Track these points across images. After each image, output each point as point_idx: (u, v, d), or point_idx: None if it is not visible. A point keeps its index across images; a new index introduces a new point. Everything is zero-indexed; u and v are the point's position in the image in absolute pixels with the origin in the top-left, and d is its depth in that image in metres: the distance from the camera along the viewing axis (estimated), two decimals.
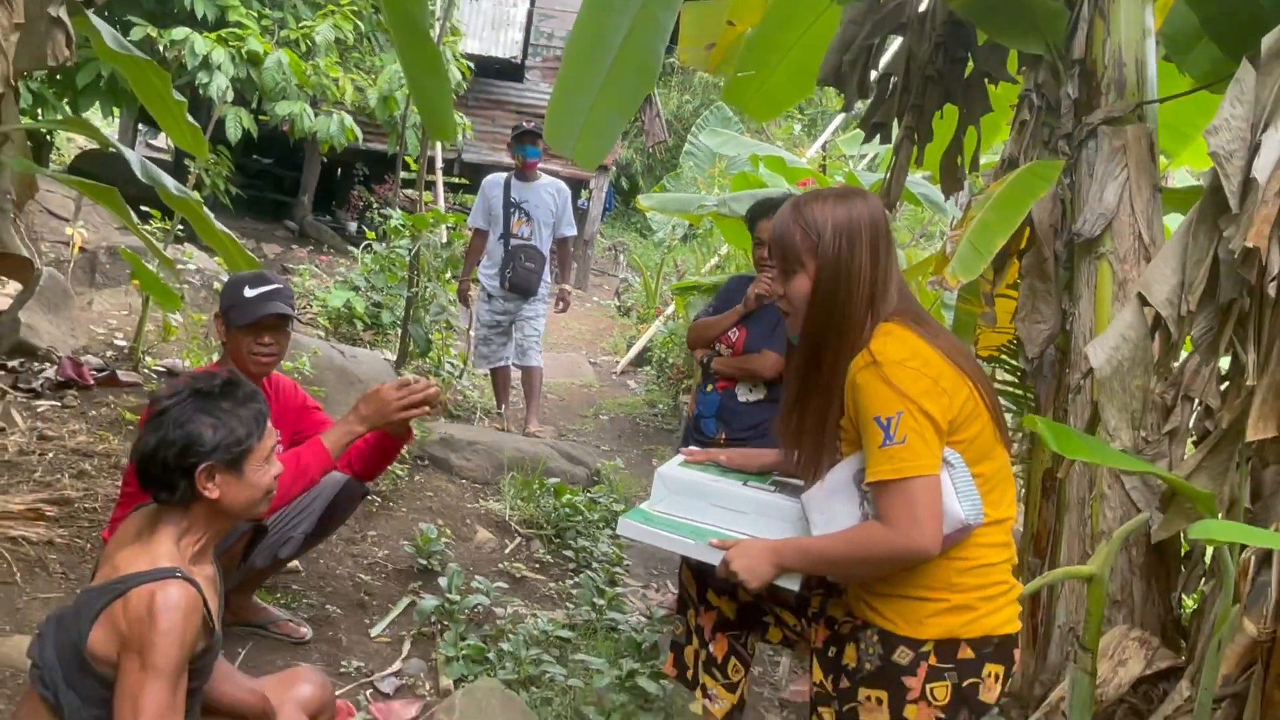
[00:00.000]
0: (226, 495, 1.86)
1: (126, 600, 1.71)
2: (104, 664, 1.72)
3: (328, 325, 6.81)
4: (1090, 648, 2.47)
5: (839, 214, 1.93)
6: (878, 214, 1.97)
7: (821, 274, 1.92)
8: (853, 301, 1.91)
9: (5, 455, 3.85)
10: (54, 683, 1.74)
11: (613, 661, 3.15)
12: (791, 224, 1.96)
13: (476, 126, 12.26)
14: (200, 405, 1.86)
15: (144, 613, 1.69)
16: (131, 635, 1.70)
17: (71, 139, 13.67)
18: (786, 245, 1.96)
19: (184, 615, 1.71)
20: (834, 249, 1.91)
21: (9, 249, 2.88)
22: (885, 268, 1.94)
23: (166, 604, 1.70)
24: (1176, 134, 3.77)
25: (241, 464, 1.87)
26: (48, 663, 1.76)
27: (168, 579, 1.73)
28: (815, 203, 1.96)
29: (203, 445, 1.82)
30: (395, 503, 4.40)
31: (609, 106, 3.22)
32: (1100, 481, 2.98)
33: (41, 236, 7.24)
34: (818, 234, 1.92)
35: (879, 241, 1.94)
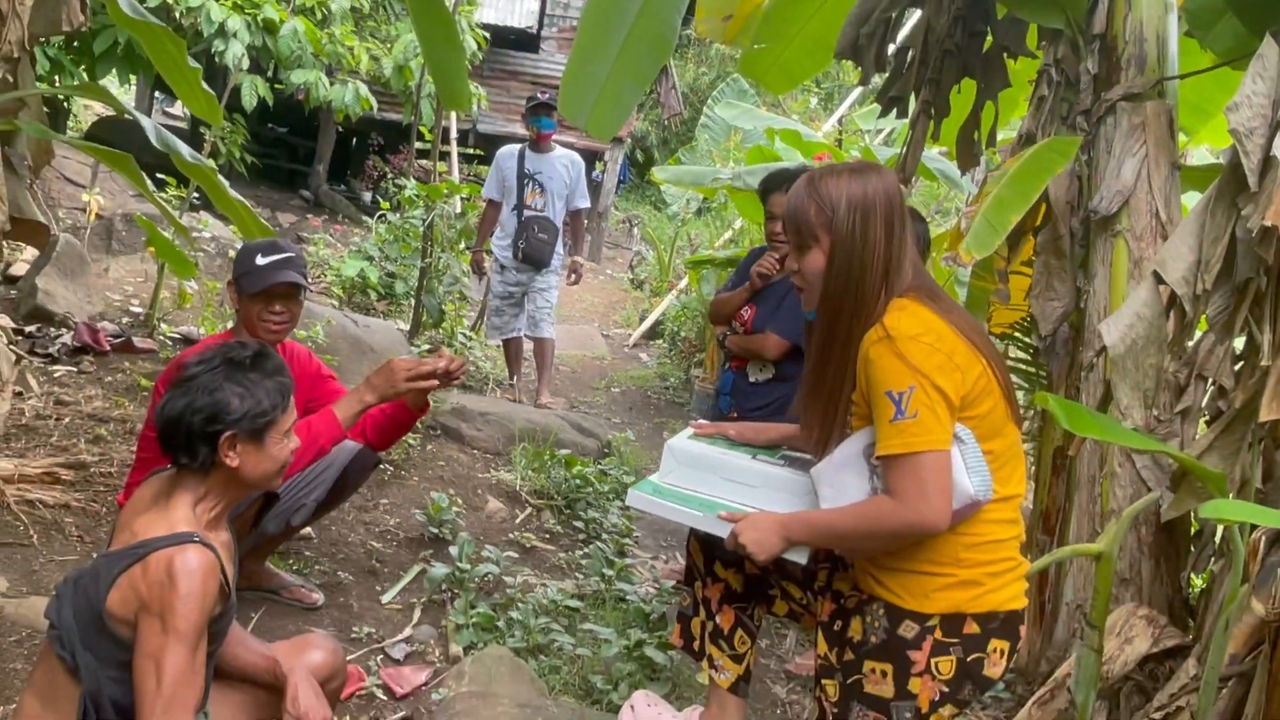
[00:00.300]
0: (246, 465, 1.88)
1: (146, 565, 1.73)
2: (122, 626, 1.74)
3: (341, 295, 6.84)
4: (1097, 625, 2.47)
5: (854, 189, 1.92)
6: (893, 189, 1.96)
7: (836, 249, 1.91)
8: (866, 277, 1.90)
9: (22, 420, 3.90)
10: (71, 644, 1.77)
11: (621, 631, 3.18)
12: (806, 199, 1.95)
13: (491, 97, 12.21)
14: (230, 374, 1.88)
15: (163, 577, 1.71)
16: (151, 599, 1.72)
17: (88, 106, 13.68)
18: (801, 220, 1.96)
19: (203, 579, 1.73)
20: (848, 224, 1.90)
21: (25, 214, 2.89)
22: (900, 243, 1.93)
23: (186, 568, 1.72)
24: (1197, 111, 3.72)
25: (263, 435, 1.89)
26: (65, 624, 1.78)
27: (186, 544, 1.75)
28: (830, 178, 1.95)
29: (229, 414, 1.84)
30: (407, 472, 4.44)
31: (624, 78, 3.20)
32: (1111, 460, 2.98)
33: (59, 203, 7.29)
34: (832, 209, 1.91)
35: (893, 217, 1.93)
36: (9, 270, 5.56)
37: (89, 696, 1.75)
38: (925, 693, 1.89)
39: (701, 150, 9.48)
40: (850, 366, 1.93)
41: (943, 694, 1.89)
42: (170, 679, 1.67)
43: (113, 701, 1.75)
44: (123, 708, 1.75)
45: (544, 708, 2.50)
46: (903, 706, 1.90)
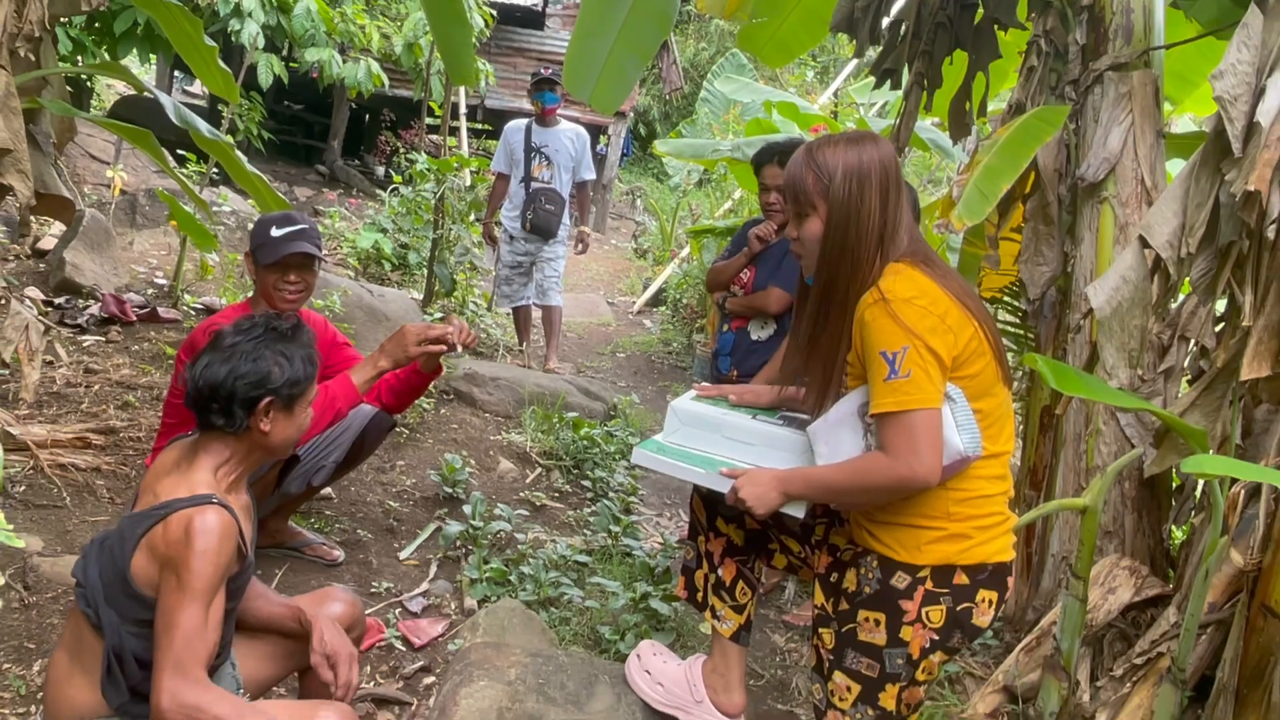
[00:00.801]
0: (275, 431, 1.96)
1: (166, 524, 1.78)
2: (145, 586, 1.81)
3: (357, 266, 6.95)
4: (1082, 575, 2.57)
5: (850, 158, 1.95)
6: (888, 158, 1.99)
7: (833, 216, 1.95)
8: (862, 243, 1.94)
9: (53, 387, 4.04)
10: (95, 601, 1.83)
11: (627, 584, 3.30)
12: (804, 168, 1.99)
13: (498, 73, 12.24)
14: (272, 343, 1.95)
15: (181, 535, 1.76)
16: (170, 556, 1.77)
17: (111, 85, 13.78)
18: (799, 189, 2.00)
19: (219, 539, 1.78)
20: (844, 192, 1.94)
21: (50, 189, 2.97)
22: (895, 211, 1.97)
23: (204, 527, 1.76)
24: (1182, 81, 3.77)
25: (295, 404, 1.98)
26: (90, 582, 1.85)
27: (205, 505, 1.80)
28: (827, 147, 1.99)
29: (271, 381, 1.92)
30: (422, 434, 4.57)
31: (626, 53, 3.26)
32: (1096, 418, 3.07)
33: (84, 179, 7.41)
34: (829, 177, 1.95)
35: (889, 185, 1.96)
36: (38, 244, 5.69)
37: (112, 650, 1.81)
38: (916, 640, 1.95)
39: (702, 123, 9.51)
40: (846, 329, 1.96)
41: (933, 641, 1.96)
42: (181, 635, 1.73)
43: (134, 655, 1.82)
44: (145, 661, 1.82)
45: (554, 657, 2.58)
46: (895, 653, 1.97)
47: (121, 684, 1.82)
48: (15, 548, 2.92)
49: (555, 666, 2.51)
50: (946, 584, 1.94)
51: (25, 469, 3.38)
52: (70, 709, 1.86)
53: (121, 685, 1.82)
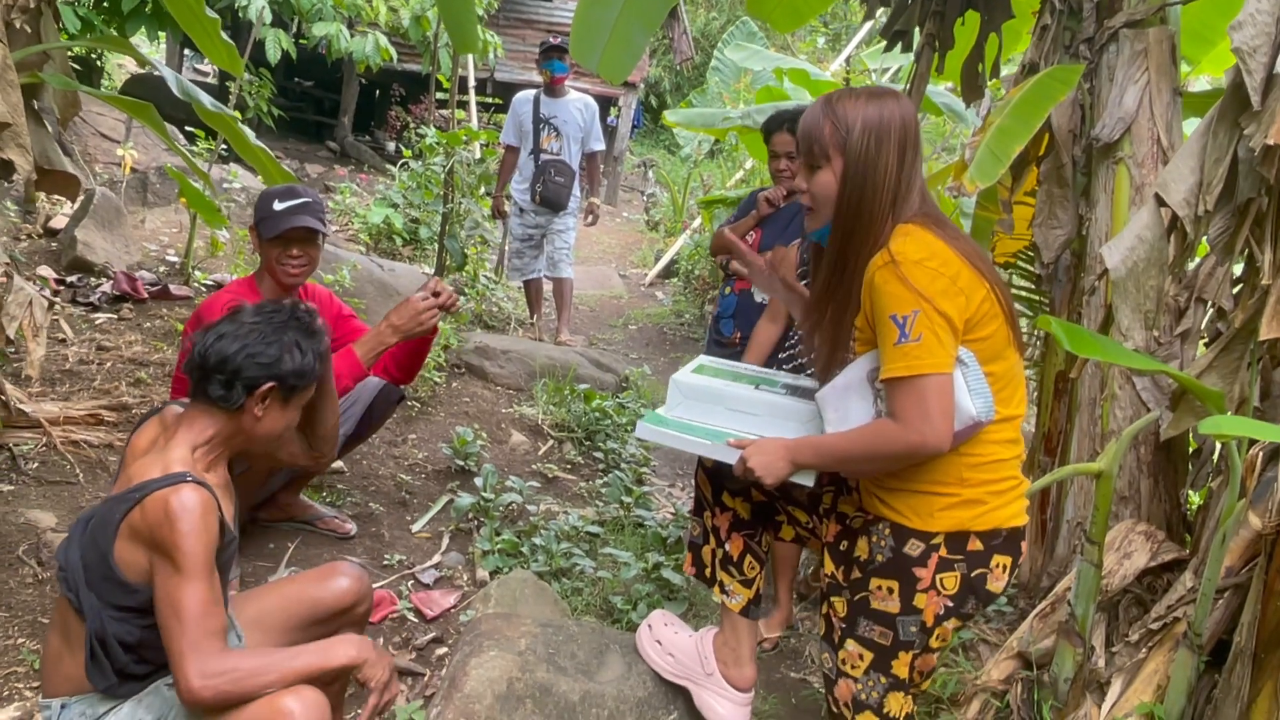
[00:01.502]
0: (266, 419, 1.95)
1: (143, 508, 1.77)
2: (129, 571, 1.80)
3: (368, 241, 6.95)
4: (1097, 540, 2.54)
5: (870, 112, 1.90)
6: (909, 116, 1.94)
7: (849, 171, 1.90)
8: (876, 201, 1.89)
9: (66, 365, 4.06)
10: (75, 584, 1.83)
11: (639, 555, 3.29)
12: (822, 118, 1.93)
13: (507, 46, 12.18)
14: (290, 331, 1.96)
15: (162, 517, 1.75)
16: (156, 541, 1.75)
17: (122, 65, 13.80)
18: (815, 139, 1.94)
19: (201, 515, 1.76)
20: (862, 146, 1.89)
21: (54, 165, 2.96)
22: (910, 170, 1.92)
23: (183, 506, 1.75)
24: (1200, 39, 3.69)
25: (291, 398, 1.97)
26: (71, 565, 1.84)
27: (180, 483, 1.78)
28: (848, 99, 1.93)
29: (280, 367, 1.92)
30: (434, 408, 4.57)
31: (633, 20, 3.21)
32: (1111, 382, 3.03)
33: (95, 158, 7.42)
34: (847, 129, 1.89)
35: (907, 144, 1.91)
36: (49, 223, 5.71)
37: (94, 634, 1.81)
38: (930, 607, 1.93)
39: (712, 93, 9.43)
40: (855, 290, 1.92)
41: (947, 608, 1.94)
42: (191, 614, 1.73)
43: (117, 639, 1.81)
44: (129, 645, 1.82)
45: (564, 626, 2.58)
46: (908, 620, 1.95)
47: (106, 667, 1.82)
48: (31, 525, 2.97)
49: (566, 636, 2.51)
50: (961, 550, 1.91)
51: (38, 446, 3.41)
52: (65, 688, 1.86)
53: (107, 669, 1.82)
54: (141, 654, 1.84)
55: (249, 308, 2.00)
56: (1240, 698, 2.26)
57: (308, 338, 1.99)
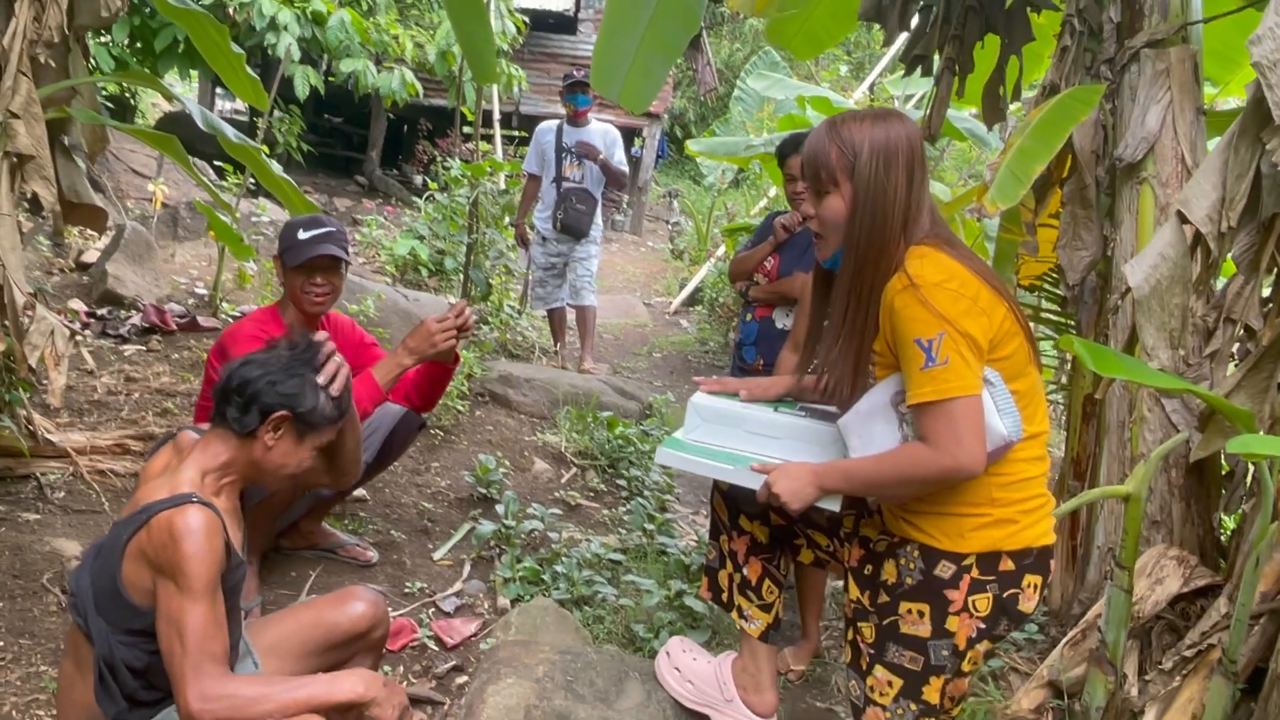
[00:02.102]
0: (277, 450, 1.94)
1: (149, 529, 1.77)
2: (137, 594, 1.80)
3: (394, 272, 7.01)
4: (1127, 565, 2.49)
5: (876, 134, 1.89)
6: (915, 136, 1.92)
7: (858, 196, 1.88)
8: (887, 224, 1.87)
9: (95, 395, 4.11)
10: (85, 609, 1.83)
11: (661, 582, 3.27)
12: (828, 143, 1.91)
13: (532, 79, 12.31)
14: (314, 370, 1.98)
15: (167, 538, 1.74)
16: (161, 561, 1.75)
17: (156, 103, 14.11)
18: (821, 164, 1.92)
19: (206, 536, 1.75)
20: (871, 170, 1.87)
21: (82, 199, 3.01)
22: (919, 190, 1.90)
23: (187, 527, 1.74)
24: (1225, 61, 3.66)
25: (306, 436, 1.96)
26: (81, 591, 1.85)
27: (185, 504, 1.77)
28: (852, 122, 1.92)
29: (295, 399, 1.92)
30: (457, 436, 4.58)
31: (654, 50, 3.21)
32: (1140, 405, 2.98)
33: (127, 194, 7.57)
34: (854, 154, 1.88)
35: (915, 164, 1.90)
36: (81, 257, 5.82)
37: (102, 660, 1.81)
38: (963, 630, 1.90)
39: (735, 122, 9.49)
40: (872, 315, 1.90)
41: (980, 630, 1.91)
42: (193, 636, 1.72)
43: (126, 664, 1.81)
44: (137, 670, 1.82)
45: (583, 654, 2.56)
46: (940, 645, 1.91)
47: (116, 693, 1.81)
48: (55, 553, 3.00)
49: (584, 664, 2.49)
50: (993, 570, 1.88)
51: (65, 475, 3.44)
52: (79, 714, 1.87)
53: (116, 694, 1.81)
54: (150, 679, 1.83)
55: (287, 342, 2.03)
56: None
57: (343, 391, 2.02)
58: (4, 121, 2.38)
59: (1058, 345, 3.21)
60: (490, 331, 6.13)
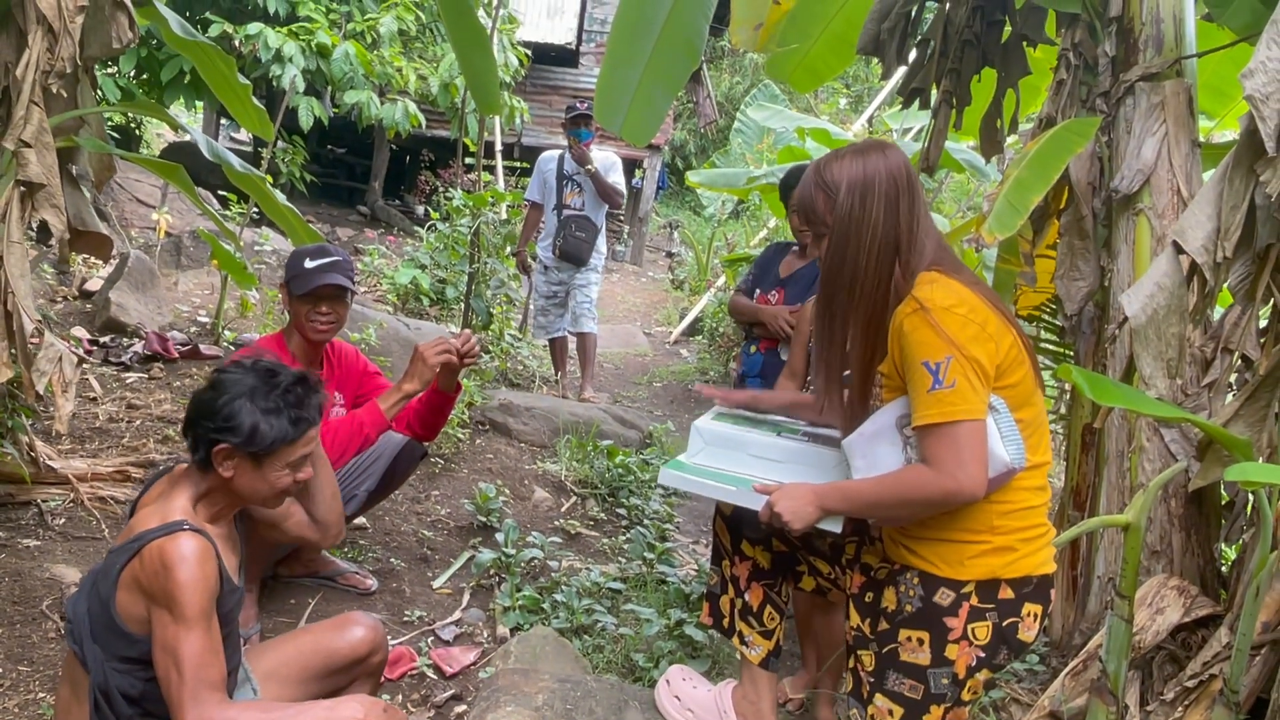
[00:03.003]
0: (239, 480, 1.90)
1: (141, 558, 1.77)
2: (130, 622, 1.79)
3: (396, 301, 7.03)
4: (1127, 594, 2.48)
5: (853, 170, 1.92)
6: (895, 166, 1.94)
7: (834, 230, 1.92)
8: (864, 254, 1.89)
9: (96, 423, 4.12)
10: (81, 636, 1.82)
11: (662, 611, 3.26)
12: (814, 188, 1.96)
13: (534, 111, 12.42)
14: (254, 391, 1.89)
15: (159, 566, 1.74)
16: (154, 590, 1.75)
17: (161, 134, 14.24)
18: (811, 209, 1.97)
19: (198, 562, 1.75)
20: (847, 205, 1.90)
21: (88, 227, 3.04)
22: (909, 218, 1.92)
23: (178, 554, 1.73)
24: (1219, 95, 3.70)
25: (261, 461, 1.89)
26: (78, 617, 1.84)
27: (176, 532, 1.77)
28: (834, 162, 1.96)
29: (235, 430, 1.85)
30: (457, 464, 4.58)
31: (655, 84, 3.25)
32: (1139, 435, 2.99)
33: (131, 223, 7.61)
34: (835, 192, 1.92)
35: (897, 193, 1.91)
36: (85, 285, 5.84)
37: (97, 688, 1.80)
38: (963, 659, 1.90)
39: (735, 154, 9.57)
40: (870, 341, 1.93)
41: (979, 659, 1.91)
42: (190, 664, 1.71)
43: (120, 692, 1.80)
44: (132, 698, 1.81)
45: (583, 683, 2.55)
46: (940, 673, 1.91)
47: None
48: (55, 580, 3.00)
49: (584, 692, 2.48)
50: (992, 599, 1.89)
51: (65, 502, 3.45)
52: None
53: None
54: (145, 707, 1.83)
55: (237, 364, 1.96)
56: None
57: (277, 395, 1.91)
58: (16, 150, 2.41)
59: (1056, 375, 3.22)
60: (491, 360, 6.15)
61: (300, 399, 1.93)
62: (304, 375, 1.99)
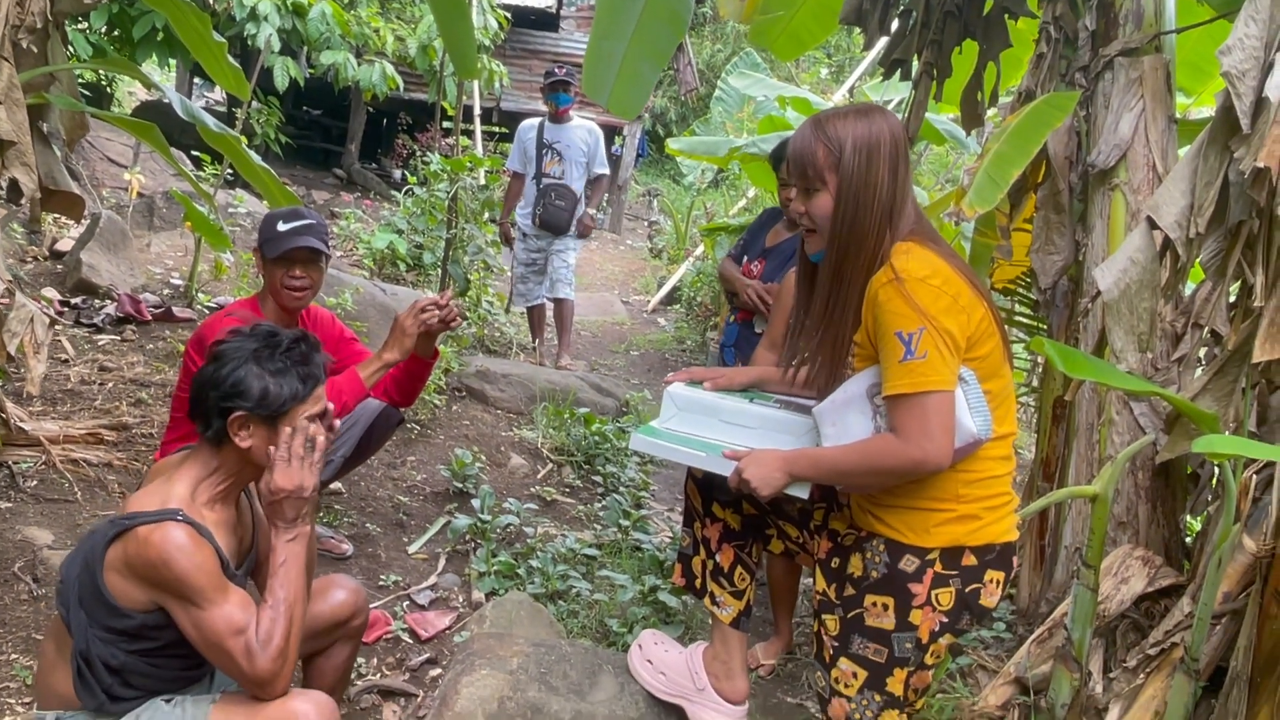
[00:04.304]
0: (257, 447, 1.86)
1: (128, 542, 1.74)
2: (123, 598, 1.78)
3: (372, 266, 6.98)
4: (1093, 564, 2.53)
5: (859, 129, 1.91)
6: (897, 130, 1.95)
7: (842, 189, 1.91)
8: (870, 217, 1.89)
9: (68, 385, 4.08)
10: (68, 600, 1.82)
11: (636, 578, 3.29)
12: (814, 141, 1.94)
13: (513, 75, 12.29)
14: (258, 355, 1.87)
15: (153, 558, 1.72)
16: (159, 582, 1.74)
17: (133, 92, 13.99)
18: (809, 163, 1.95)
19: (192, 549, 1.73)
20: (854, 164, 1.90)
21: (59, 186, 2.98)
22: (903, 185, 1.93)
23: (168, 544, 1.72)
24: (1198, 72, 3.72)
25: (277, 422, 1.86)
26: (68, 580, 1.83)
27: (166, 520, 1.74)
28: (836, 119, 1.95)
29: (245, 395, 1.83)
30: (433, 430, 4.58)
31: (641, 55, 3.21)
32: (1109, 408, 3.03)
33: (102, 183, 7.50)
34: (839, 149, 1.91)
35: (898, 158, 1.92)
36: (55, 246, 5.77)
37: (79, 654, 1.80)
38: (926, 624, 1.93)
39: (716, 122, 9.51)
40: (853, 306, 1.93)
41: (942, 624, 1.94)
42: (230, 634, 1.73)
43: (101, 660, 1.80)
44: (113, 668, 1.80)
45: (557, 646, 2.57)
46: (904, 637, 1.94)
47: (95, 687, 1.81)
48: (27, 542, 2.98)
49: (558, 656, 2.50)
50: (955, 566, 1.92)
51: (37, 464, 3.42)
52: (56, 698, 1.86)
53: (95, 689, 1.81)
54: (126, 679, 1.83)
55: (235, 333, 1.94)
56: None
57: (280, 356, 1.89)
58: None
59: (1029, 347, 3.25)
60: (468, 327, 6.13)
61: (305, 356, 1.92)
62: (304, 334, 1.98)
